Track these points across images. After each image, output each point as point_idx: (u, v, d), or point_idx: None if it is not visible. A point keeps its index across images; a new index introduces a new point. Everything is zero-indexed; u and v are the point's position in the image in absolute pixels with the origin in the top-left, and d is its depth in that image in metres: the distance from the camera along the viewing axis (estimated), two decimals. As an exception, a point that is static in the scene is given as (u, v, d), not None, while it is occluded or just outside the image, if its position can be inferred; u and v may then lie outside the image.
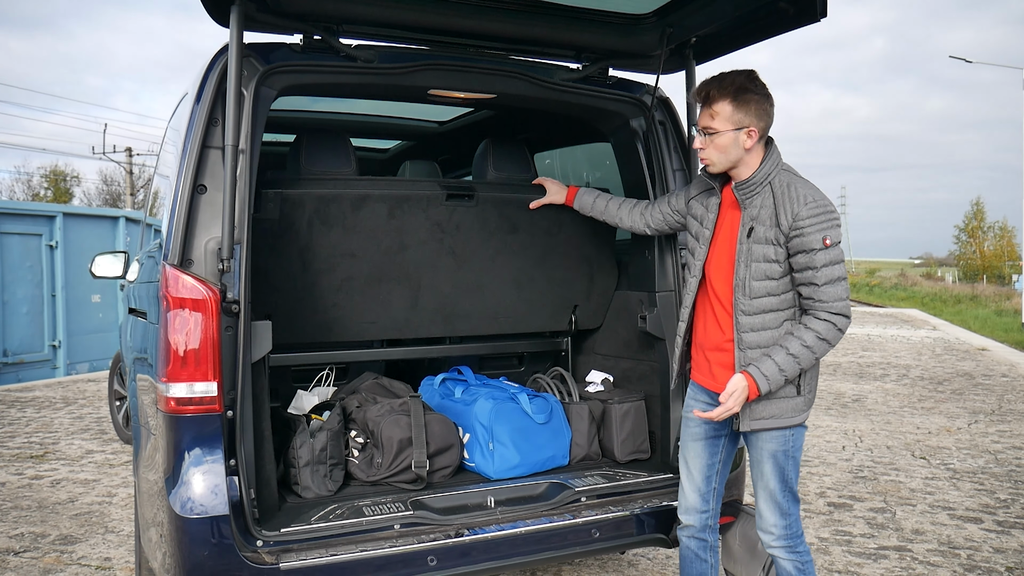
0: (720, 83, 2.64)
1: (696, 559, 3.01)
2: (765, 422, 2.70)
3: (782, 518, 2.78)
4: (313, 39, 2.86)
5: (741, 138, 2.64)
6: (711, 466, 2.95)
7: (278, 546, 2.59)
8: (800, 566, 2.80)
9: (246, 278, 2.62)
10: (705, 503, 2.97)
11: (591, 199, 3.38)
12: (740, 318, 2.69)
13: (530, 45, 3.28)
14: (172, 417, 2.53)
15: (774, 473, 2.76)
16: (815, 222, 2.56)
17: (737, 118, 2.62)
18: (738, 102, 2.62)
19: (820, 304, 2.59)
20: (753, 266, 2.66)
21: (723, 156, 2.68)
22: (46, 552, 4.43)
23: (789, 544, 2.79)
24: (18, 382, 11.34)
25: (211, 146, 2.66)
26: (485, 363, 4.23)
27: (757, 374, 2.61)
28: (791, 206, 2.58)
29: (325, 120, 4.97)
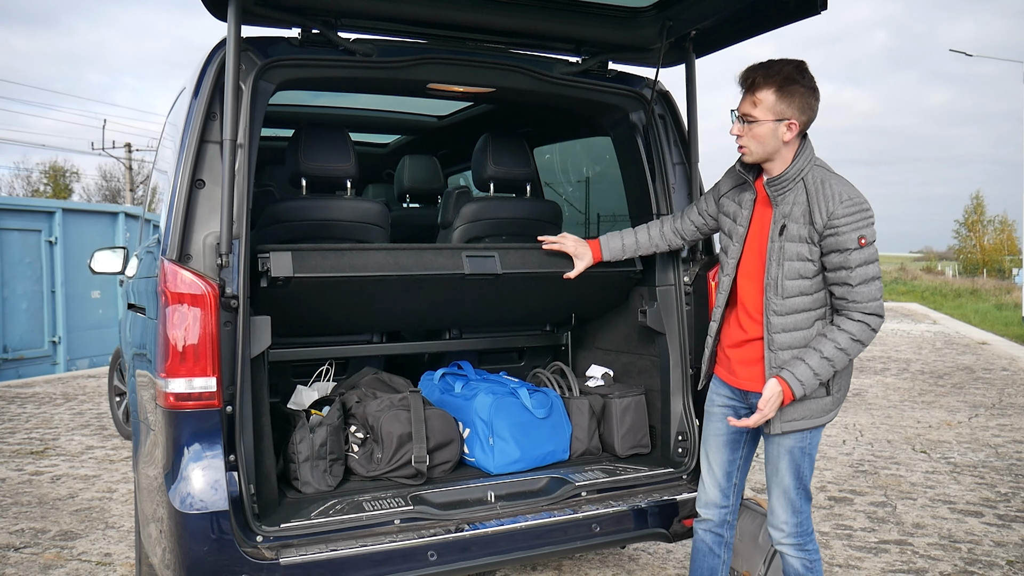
0: (767, 71, 2.55)
1: (710, 553, 2.99)
2: (796, 423, 2.65)
3: (794, 515, 2.76)
4: (311, 33, 2.85)
5: (781, 130, 2.56)
6: (732, 462, 2.93)
7: (278, 541, 2.59)
8: (808, 564, 2.78)
9: (245, 273, 2.62)
10: (725, 499, 2.95)
11: (619, 243, 3.23)
12: (771, 318, 2.64)
13: (529, 38, 3.26)
14: (171, 413, 2.52)
15: (789, 470, 2.72)
16: (850, 220, 2.50)
17: (779, 109, 2.55)
18: (783, 92, 2.54)
19: (854, 304, 2.54)
20: (786, 265, 2.60)
21: (760, 146, 2.61)
22: (46, 548, 4.43)
23: (799, 542, 2.77)
24: (18, 378, 11.35)
25: (209, 140, 2.65)
26: (485, 358, 4.22)
27: (792, 379, 2.56)
28: (826, 204, 2.52)
29: (324, 115, 4.96)
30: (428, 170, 4.72)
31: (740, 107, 2.63)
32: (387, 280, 3.06)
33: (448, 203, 3.79)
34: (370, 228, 3.45)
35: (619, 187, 3.70)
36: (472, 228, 3.73)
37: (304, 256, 2.87)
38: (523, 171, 3.80)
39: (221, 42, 2.68)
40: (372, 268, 3.00)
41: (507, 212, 3.77)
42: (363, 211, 3.43)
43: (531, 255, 3.29)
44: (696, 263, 3.37)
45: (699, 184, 3.37)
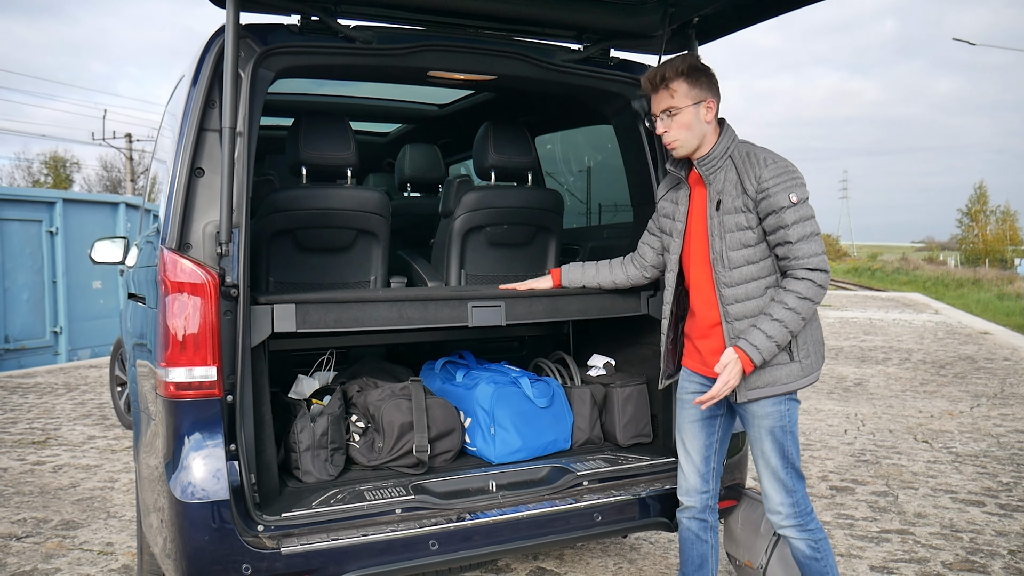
0: (670, 64, 2.72)
1: (697, 540, 3.01)
2: (761, 391, 2.69)
3: (787, 495, 2.77)
4: (311, 20, 2.83)
5: (701, 112, 2.70)
6: (708, 446, 2.95)
7: (279, 531, 2.58)
8: (814, 544, 2.78)
9: (245, 262, 2.60)
10: (705, 483, 2.97)
11: (579, 273, 3.33)
12: (723, 291, 2.71)
13: (531, 25, 3.24)
14: (171, 402, 2.52)
15: (774, 450, 2.75)
16: (779, 181, 2.59)
17: (694, 93, 2.69)
18: (692, 78, 2.69)
19: (796, 262, 2.60)
20: (727, 237, 2.69)
21: (688, 133, 2.72)
22: (48, 537, 4.43)
23: (799, 522, 2.77)
24: (20, 368, 11.35)
25: (208, 129, 2.63)
26: (486, 347, 4.22)
27: (747, 346, 2.61)
28: (753, 170, 2.63)
29: (324, 103, 4.94)
30: (429, 159, 4.70)
31: (658, 106, 2.75)
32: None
33: (449, 192, 3.78)
34: (371, 217, 3.44)
35: (621, 176, 3.68)
36: (473, 217, 3.72)
37: (308, 310, 2.84)
38: (524, 160, 3.78)
39: (220, 29, 2.66)
40: (376, 322, 2.98)
41: (508, 201, 3.76)
42: (364, 200, 3.42)
43: (537, 304, 3.29)
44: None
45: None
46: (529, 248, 3.91)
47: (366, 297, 3.01)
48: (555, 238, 3.94)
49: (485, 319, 3.16)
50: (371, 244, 3.51)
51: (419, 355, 4.06)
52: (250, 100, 2.65)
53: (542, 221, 3.87)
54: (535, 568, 3.93)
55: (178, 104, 2.87)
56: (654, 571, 3.91)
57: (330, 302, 2.90)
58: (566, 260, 4.16)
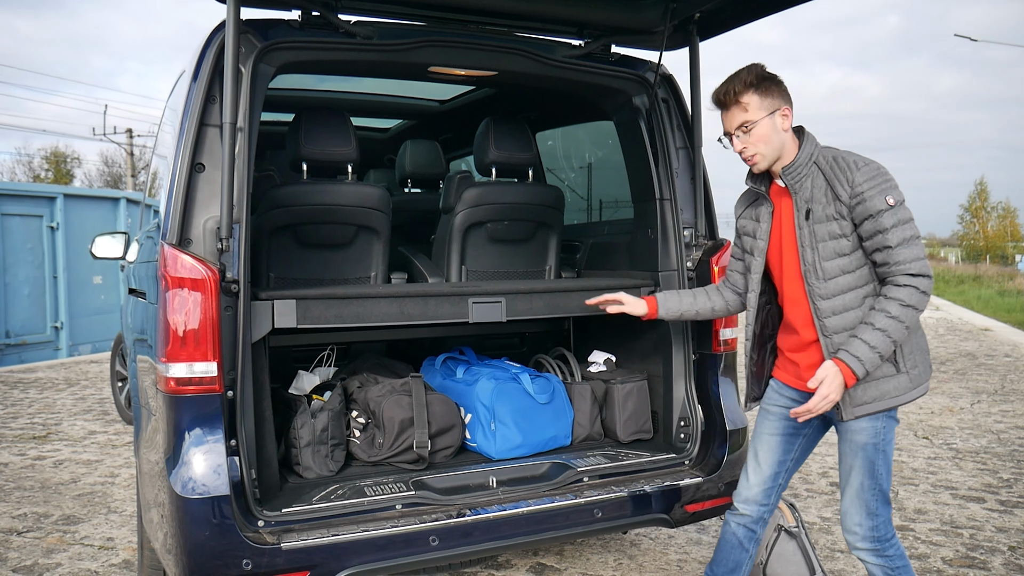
0: (736, 79, 2.60)
1: (739, 547, 2.91)
2: (868, 407, 2.54)
3: (868, 518, 2.63)
4: (311, 15, 2.82)
5: (777, 121, 2.58)
6: (783, 463, 2.83)
7: (279, 526, 2.59)
8: (890, 571, 2.65)
9: (245, 257, 2.60)
10: (767, 497, 2.87)
11: (676, 302, 3.06)
12: (818, 303, 2.57)
13: (532, 21, 3.24)
14: (172, 397, 2.52)
15: (863, 467, 2.60)
16: (874, 184, 2.46)
17: (767, 103, 2.57)
18: (762, 88, 2.58)
19: (897, 267, 2.45)
20: (820, 247, 2.55)
21: (767, 146, 2.60)
22: (49, 532, 4.44)
23: (876, 547, 2.64)
24: (20, 363, 11.36)
25: (209, 124, 2.63)
26: (487, 343, 4.22)
27: (848, 357, 2.46)
28: (845, 175, 2.49)
29: (325, 99, 4.94)
30: (430, 155, 4.70)
31: (731, 124, 2.63)
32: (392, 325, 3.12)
33: (450, 188, 3.77)
34: (371, 213, 3.44)
35: (622, 172, 3.68)
36: (474, 213, 3.71)
37: (308, 306, 2.85)
38: (525, 156, 3.78)
39: (220, 24, 2.66)
40: (376, 318, 2.99)
41: (509, 197, 3.76)
42: (364, 196, 3.41)
43: (538, 300, 3.28)
44: (699, 248, 3.35)
45: (703, 168, 3.35)
46: (530, 244, 3.91)
47: (367, 293, 3.01)
48: (556, 234, 3.94)
49: (485, 315, 3.16)
50: (372, 240, 3.51)
51: (420, 351, 4.06)
52: (251, 96, 2.65)
53: (543, 217, 3.86)
54: (535, 564, 3.93)
55: (179, 99, 2.87)
56: (654, 567, 3.91)
57: (331, 298, 2.90)
58: (566, 256, 4.17)
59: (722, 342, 3.30)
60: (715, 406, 3.27)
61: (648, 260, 3.49)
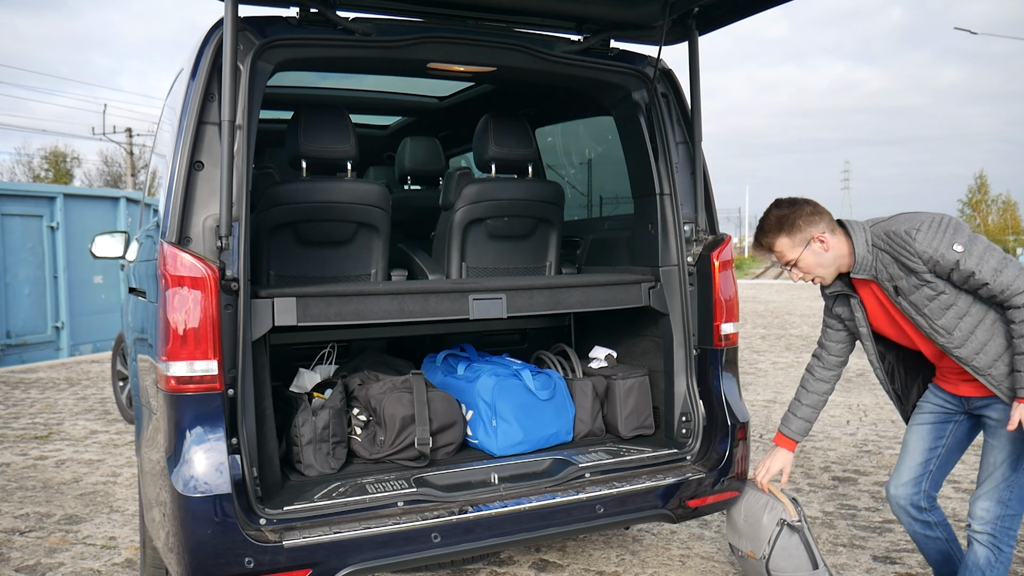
0: (763, 229, 2.81)
1: (928, 540, 3.03)
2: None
3: (998, 506, 2.70)
4: (309, 12, 2.82)
5: (815, 248, 2.75)
6: (932, 449, 2.93)
7: (281, 524, 2.58)
8: (992, 562, 2.72)
9: (245, 255, 2.60)
10: (916, 486, 2.96)
11: (801, 424, 3.18)
12: (958, 353, 2.67)
13: (530, 16, 3.23)
14: (173, 396, 2.52)
15: (1009, 458, 2.69)
16: (936, 243, 2.55)
17: (798, 239, 2.75)
18: (786, 231, 2.75)
19: (1005, 295, 2.54)
20: (925, 311, 2.66)
21: (821, 268, 2.78)
22: (51, 532, 4.44)
23: (994, 535, 2.71)
24: (22, 363, 11.36)
25: (207, 122, 2.62)
26: (488, 340, 4.21)
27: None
28: (905, 250, 2.60)
29: (324, 96, 4.93)
30: (429, 151, 4.69)
31: (780, 260, 2.83)
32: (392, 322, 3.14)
33: (450, 184, 3.77)
34: (371, 210, 3.43)
35: (622, 167, 3.67)
36: (474, 209, 3.71)
37: (309, 303, 2.85)
38: (525, 152, 3.77)
39: (218, 22, 2.65)
40: (377, 315, 2.99)
41: (509, 193, 3.75)
42: (364, 193, 3.41)
43: (538, 296, 3.28)
44: (699, 243, 3.34)
45: (702, 163, 3.34)
46: (530, 240, 3.90)
47: (367, 290, 3.00)
48: (556, 230, 3.94)
49: (486, 311, 3.16)
50: (372, 237, 3.50)
51: (420, 348, 4.06)
52: (249, 93, 2.64)
53: (543, 213, 3.86)
54: (537, 560, 3.93)
55: (177, 98, 2.86)
56: (656, 562, 3.91)
57: (331, 295, 2.90)
58: (567, 252, 4.16)
59: (723, 337, 3.29)
60: (717, 401, 3.27)
61: (648, 255, 3.48)
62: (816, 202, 2.79)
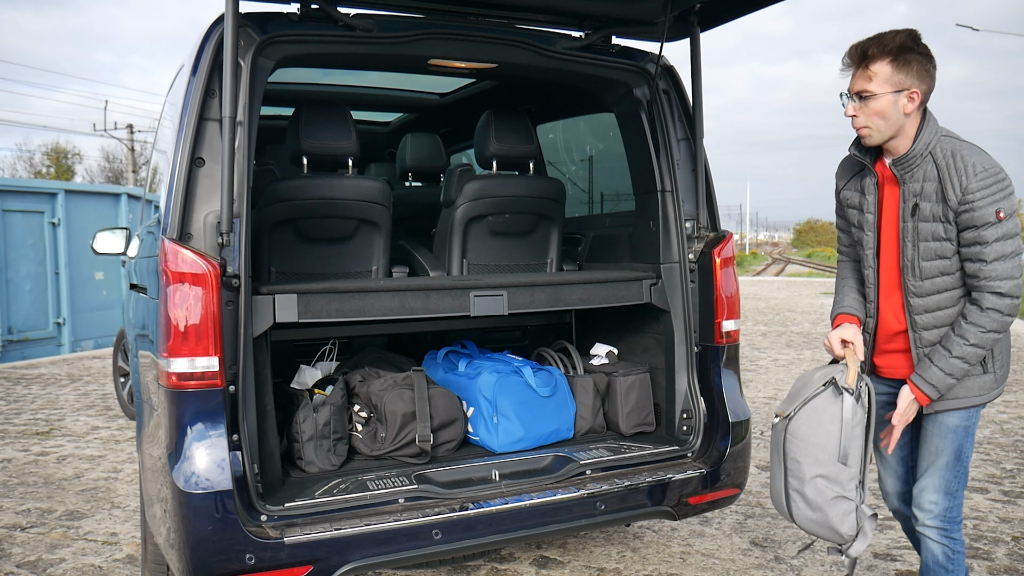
0: (880, 41, 2.40)
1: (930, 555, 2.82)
2: (949, 403, 2.53)
3: (945, 497, 2.60)
4: (310, 8, 2.81)
5: (902, 102, 2.41)
6: (903, 446, 2.78)
7: (282, 520, 2.58)
8: (951, 555, 2.62)
9: (246, 252, 2.60)
10: (904, 484, 2.83)
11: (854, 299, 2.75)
12: (912, 300, 2.52)
13: (532, 13, 3.22)
14: (174, 392, 2.52)
15: (950, 448, 2.57)
16: (987, 194, 2.33)
17: (897, 79, 2.39)
18: (899, 61, 2.39)
19: (986, 283, 2.38)
20: (922, 246, 2.47)
21: (882, 123, 2.44)
22: (52, 528, 4.45)
23: (944, 527, 2.61)
24: (23, 359, 11.37)
25: (208, 118, 2.62)
26: (489, 336, 4.21)
27: (922, 383, 2.48)
28: (959, 178, 2.36)
29: (325, 92, 4.92)
30: (430, 148, 4.69)
31: (853, 85, 2.47)
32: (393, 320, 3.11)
33: (451, 181, 3.76)
34: (372, 207, 3.43)
35: (623, 164, 3.67)
36: (475, 206, 3.70)
37: (310, 300, 2.85)
38: (526, 148, 3.77)
39: (219, 18, 2.65)
40: (378, 312, 2.99)
41: (510, 190, 3.75)
42: (365, 189, 3.41)
43: (539, 293, 3.27)
44: (700, 240, 3.34)
45: (704, 160, 3.34)
46: (531, 237, 3.90)
47: (368, 287, 3.00)
48: (557, 227, 3.93)
49: (487, 308, 3.16)
50: (373, 234, 3.50)
51: (421, 345, 4.06)
52: (250, 89, 2.64)
53: (544, 210, 3.85)
54: (538, 557, 3.93)
55: (178, 94, 2.86)
56: (657, 559, 3.91)
57: (332, 292, 2.90)
58: (568, 249, 4.16)
59: (724, 334, 3.29)
60: (718, 398, 3.27)
61: (650, 252, 3.48)
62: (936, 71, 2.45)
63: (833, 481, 2.56)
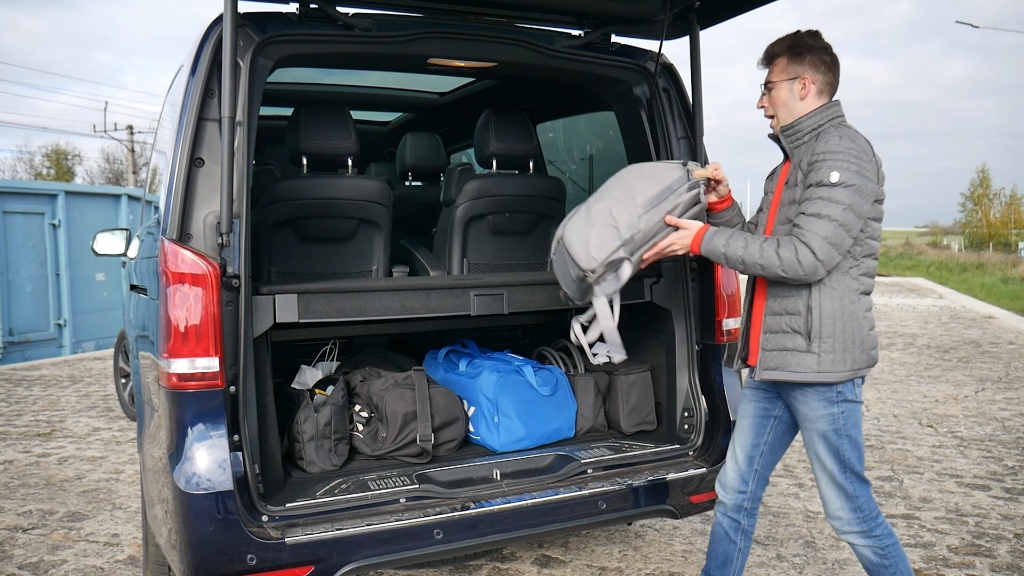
0: (780, 40, 2.70)
1: (725, 538, 2.93)
2: (772, 373, 2.60)
3: (847, 501, 2.64)
4: (309, 7, 2.81)
5: (796, 88, 2.63)
6: (755, 447, 2.85)
7: (283, 521, 2.58)
8: (881, 551, 2.64)
9: (246, 252, 2.59)
10: (743, 484, 2.88)
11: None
12: None
13: (531, 12, 3.22)
14: (174, 393, 2.51)
15: (829, 454, 2.62)
16: (832, 158, 2.45)
17: (791, 69, 2.64)
18: (792, 54, 2.64)
19: (797, 231, 2.47)
20: (779, 212, 2.62)
21: (782, 109, 2.67)
22: (54, 529, 4.45)
23: (863, 529, 2.64)
24: (24, 361, 11.37)
25: (208, 119, 2.62)
26: (489, 336, 4.21)
27: (706, 233, 2.64)
28: (817, 143, 2.52)
29: (324, 92, 4.92)
30: (430, 147, 4.69)
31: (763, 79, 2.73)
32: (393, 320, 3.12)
33: (451, 180, 3.76)
34: (372, 206, 3.43)
35: (623, 163, 3.66)
36: (475, 205, 3.70)
37: (310, 300, 2.84)
38: (526, 147, 3.76)
39: (218, 18, 2.64)
40: (378, 312, 2.99)
41: (510, 189, 3.74)
42: (365, 189, 3.40)
43: (539, 292, 3.27)
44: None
45: (704, 158, 3.34)
46: (531, 236, 3.89)
47: (368, 287, 3.00)
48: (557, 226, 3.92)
49: (487, 308, 3.15)
50: (373, 233, 3.50)
51: (422, 344, 4.06)
52: (249, 89, 2.63)
53: (544, 209, 3.85)
54: (540, 556, 3.93)
55: (177, 94, 2.85)
56: (659, 558, 3.91)
57: (332, 292, 2.89)
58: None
59: (725, 332, 3.29)
60: (719, 396, 3.27)
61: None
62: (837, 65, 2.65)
63: (618, 215, 2.74)
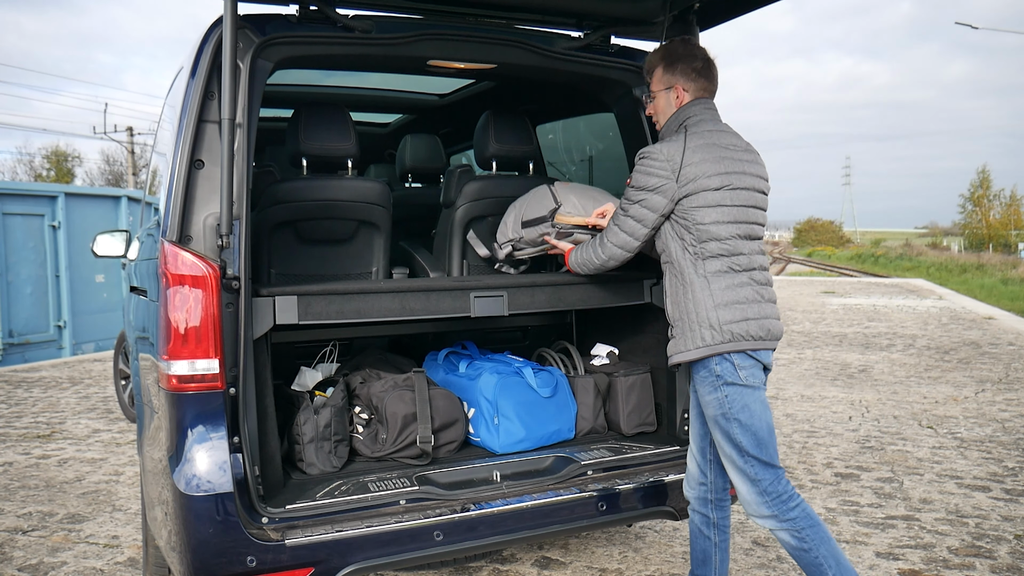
0: (655, 51, 2.89)
1: (699, 535, 2.98)
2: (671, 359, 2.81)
3: (752, 485, 2.65)
4: (309, 9, 2.81)
5: (671, 96, 2.83)
6: (703, 436, 2.92)
7: (283, 523, 2.58)
8: (798, 535, 2.61)
9: (246, 254, 2.59)
10: (703, 476, 2.94)
11: None
12: None
13: (531, 13, 3.22)
14: (174, 395, 2.51)
15: (723, 438, 2.69)
16: (636, 164, 2.75)
17: (666, 79, 2.83)
18: (665, 64, 2.83)
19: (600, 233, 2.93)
20: None
21: (662, 116, 2.88)
22: (54, 531, 4.45)
23: (774, 512, 2.63)
24: (24, 362, 11.37)
25: (208, 120, 2.62)
26: (489, 337, 4.21)
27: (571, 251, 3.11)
28: None
29: (324, 94, 4.92)
30: (430, 149, 4.68)
31: None
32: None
33: (450, 182, 3.76)
34: (372, 208, 3.43)
35: (623, 164, 3.66)
36: (475, 207, 3.70)
37: (310, 302, 2.84)
38: (525, 149, 3.77)
39: (218, 20, 2.64)
40: (378, 314, 2.97)
41: (510, 190, 3.74)
42: (365, 191, 3.40)
43: (539, 293, 3.26)
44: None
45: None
46: (531, 237, 3.89)
47: (368, 288, 3.00)
48: (557, 227, 3.92)
49: (487, 309, 3.15)
50: (373, 235, 3.50)
51: (422, 346, 4.05)
52: (249, 91, 2.63)
53: (544, 210, 3.85)
54: (540, 558, 3.93)
55: (177, 96, 2.85)
56: (659, 560, 3.91)
57: (332, 293, 2.89)
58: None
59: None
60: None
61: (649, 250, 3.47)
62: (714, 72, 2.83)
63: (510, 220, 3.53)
